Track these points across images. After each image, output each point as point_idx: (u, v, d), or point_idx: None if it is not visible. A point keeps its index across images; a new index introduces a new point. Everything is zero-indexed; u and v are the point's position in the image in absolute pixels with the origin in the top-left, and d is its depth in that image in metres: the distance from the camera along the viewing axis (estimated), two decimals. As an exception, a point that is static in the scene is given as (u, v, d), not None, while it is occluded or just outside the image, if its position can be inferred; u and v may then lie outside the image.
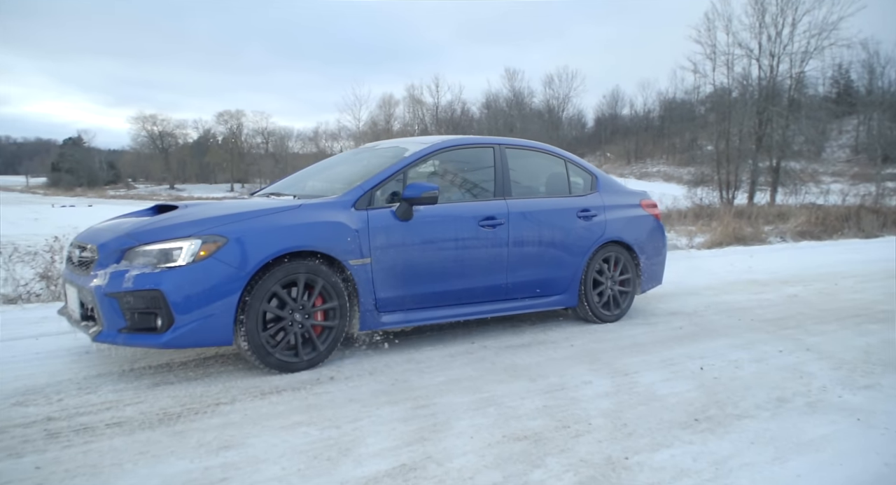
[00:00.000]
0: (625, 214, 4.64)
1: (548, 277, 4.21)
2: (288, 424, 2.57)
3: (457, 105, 52.13)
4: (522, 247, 4.05)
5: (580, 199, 4.47)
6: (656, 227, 4.88)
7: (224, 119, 66.24)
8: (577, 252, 4.31)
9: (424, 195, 3.54)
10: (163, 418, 2.60)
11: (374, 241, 3.46)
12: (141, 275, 2.94)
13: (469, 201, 3.99)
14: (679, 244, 10.89)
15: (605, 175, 4.87)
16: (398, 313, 3.62)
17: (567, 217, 4.31)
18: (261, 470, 2.15)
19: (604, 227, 4.45)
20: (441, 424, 2.59)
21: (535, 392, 3.00)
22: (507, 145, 4.30)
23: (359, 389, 3.03)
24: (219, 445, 2.35)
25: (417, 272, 3.63)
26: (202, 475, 2.11)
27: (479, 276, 3.89)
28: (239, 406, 2.76)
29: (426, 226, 3.66)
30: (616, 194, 4.72)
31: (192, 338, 2.98)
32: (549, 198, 4.38)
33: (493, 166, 4.14)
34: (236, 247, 3.05)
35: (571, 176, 4.57)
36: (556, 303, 4.30)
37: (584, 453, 2.32)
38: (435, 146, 3.96)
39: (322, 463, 2.22)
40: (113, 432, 2.44)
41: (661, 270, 4.97)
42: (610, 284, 4.52)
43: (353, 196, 3.50)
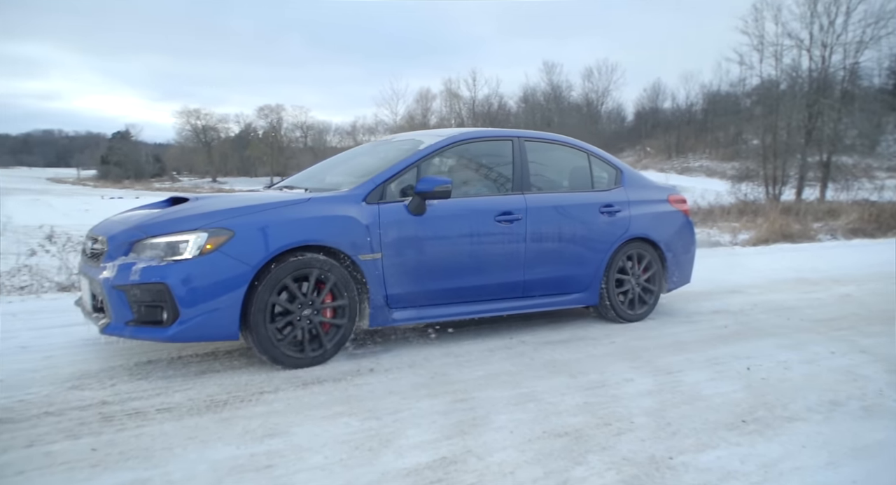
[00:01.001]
0: (651, 210, 4.49)
1: (567, 275, 4.10)
2: (329, 414, 2.61)
3: (494, 99, 51.87)
4: (541, 243, 3.94)
5: (603, 194, 4.34)
6: (685, 223, 4.70)
7: (264, 113, 67.43)
8: (599, 249, 4.19)
9: (437, 189, 3.45)
10: (210, 405, 2.67)
11: (385, 235, 3.39)
12: (147, 268, 2.93)
13: (485, 196, 3.90)
14: (722, 241, 10.63)
15: (631, 169, 4.70)
16: (410, 310, 3.55)
17: (588, 213, 4.18)
18: (304, 458, 2.19)
19: (628, 223, 4.31)
20: (480, 418, 2.59)
21: (576, 389, 2.97)
22: (527, 138, 4.17)
23: (398, 381, 3.05)
24: (263, 432, 2.40)
25: (430, 268, 3.56)
26: (248, 462, 2.15)
27: (494, 272, 3.80)
28: (282, 395, 2.82)
29: (440, 221, 3.58)
30: (642, 189, 4.56)
31: (198, 332, 2.96)
32: (570, 193, 4.25)
33: (512, 160, 4.03)
34: (243, 240, 3.02)
35: (594, 170, 4.43)
36: (576, 301, 4.19)
37: (626, 451, 2.29)
38: (451, 139, 3.87)
39: (363, 453, 2.24)
40: (163, 417, 2.52)
41: (690, 269, 4.79)
42: (634, 283, 4.37)
43: (364, 190, 3.44)
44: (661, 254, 4.49)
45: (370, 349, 3.61)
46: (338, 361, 3.34)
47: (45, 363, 3.19)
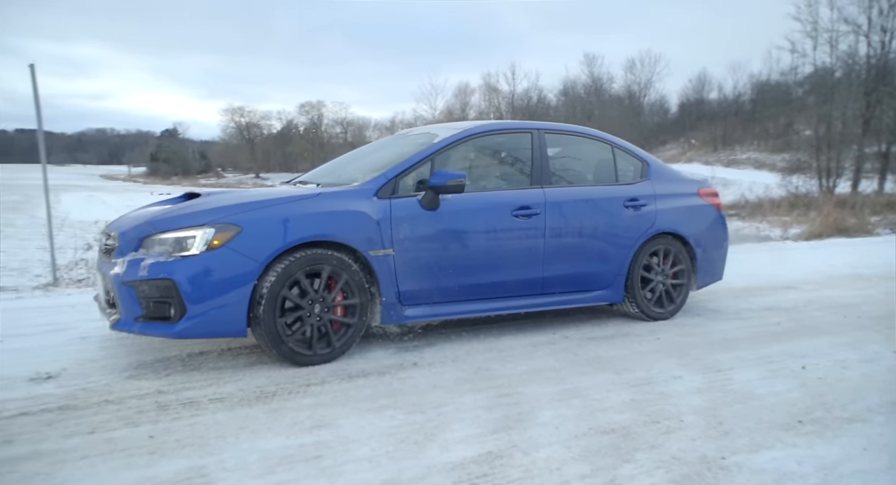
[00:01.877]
0: (679, 204, 4.31)
1: (589, 271, 3.97)
2: (375, 407, 2.64)
3: (533, 93, 51.35)
4: (560, 238, 3.82)
5: (628, 187, 4.18)
6: (716, 218, 4.51)
7: (306, 110, 68.47)
8: (623, 244, 4.05)
9: (450, 183, 3.36)
10: (259, 396, 2.73)
11: (397, 231, 3.32)
12: (155, 263, 2.92)
13: (502, 190, 3.79)
14: (772, 235, 10.29)
15: (658, 161, 4.52)
16: (423, 307, 3.48)
17: (612, 207, 4.04)
18: (351, 450, 2.22)
19: (654, 217, 4.15)
20: (525, 413, 2.58)
21: (621, 385, 2.92)
22: (547, 130, 4.05)
23: (442, 375, 3.07)
24: (311, 424, 2.45)
25: (444, 264, 3.48)
26: (297, 452, 2.20)
27: (511, 268, 3.70)
28: (328, 388, 2.87)
29: (454, 215, 3.49)
30: (669, 182, 4.38)
31: (205, 328, 2.94)
32: (592, 186, 4.11)
33: (531, 153, 3.91)
34: (251, 236, 2.98)
35: (619, 163, 4.27)
36: (599, 298, 4.05)
37: (675, 450, 2.24)
38: (466, 132, 3.77)
39: (409, 447, 2.26)
40: (216, 407, 2.60)
41: (722, 265, 4.59)
42: (661, 279, 4.21)
43: (375, 185, 3.37)
44: (691, 250, 4.32)
45: (413, 344, 3.63)
46: (381, 355, 3.38)
47: (103, 353, 3.32)
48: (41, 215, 14.56)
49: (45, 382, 2.88)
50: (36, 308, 4.46)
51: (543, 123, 4.15)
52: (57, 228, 6.94)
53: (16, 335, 3.68)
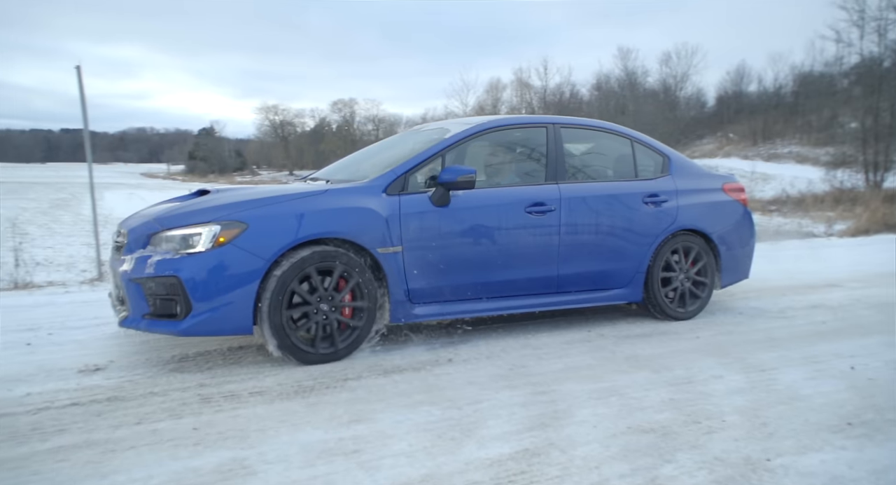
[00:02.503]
0: (702, 200, 4.18)
1: (606, 269, 3.87)
2: (411, 402, 2.65)
3: (565, 87, 50.79)
4: (576, 236, 3.73)
5: (648, 183, 4.07)
6: (742, 214, 4.38)
7: (338, 107, 69.11)
8: (643, 242, 3.93)
9: (461, 179, 3.31)
10: (298, 390, 2.77)
11: (406, 228, 3.27)
12: (162, 261, 2.91)
13: (515, 186, 3.72)
14: (816, 231, 9.98)
15: (680, 156, 4.39)
16: (434, 305, 3.42)
17: (630, 203, 3.93)
18: (389, 445, 2.24)
19: (675, 214, 4.04)
20: (562, 411, 2.56)
21: (660, 384, 2.88)
22: (564, 125, 3.95)
23: (477, 372, 3.06)
24: (349, 418, 2.47)
25: (455, 262, 3.42)
26: (336, 446, 2.23)
27: (525, 267, 3.62)
28: (364, 383, 2.89)
29: (465, 212, 3.43)
30: (692, 178, 4.25)
31: (211, 326, 2.92)
32: (610, 182, 4.01)
33: (546, 148, 3.82)
34: (256, 233, 2.96)
35: (638, 157, 4.15)
36: (617, 297, 3.95)
37: (718, 450, 2.19)
38: (479, 127, 3.71)
39: (446, 442, 2.26)
40: (256, 400, 2.65)
41: (748, 263, 4.45)
42: (682, 278, 4.09)
43: (384, 181, 3.33)
44: (714, 247, 4.18)
45: (448, 340, 3.64)
46: (416, 351, 3.39)
47: (147, 346, 3.42)
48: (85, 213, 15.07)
49: (93, 373, 2.97)
50: (83, 302, 4.61)
51: (559, 118, 4.08)
52: (101, 225, 7.16)
53: (66, 328, 3.82)
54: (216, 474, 2.00)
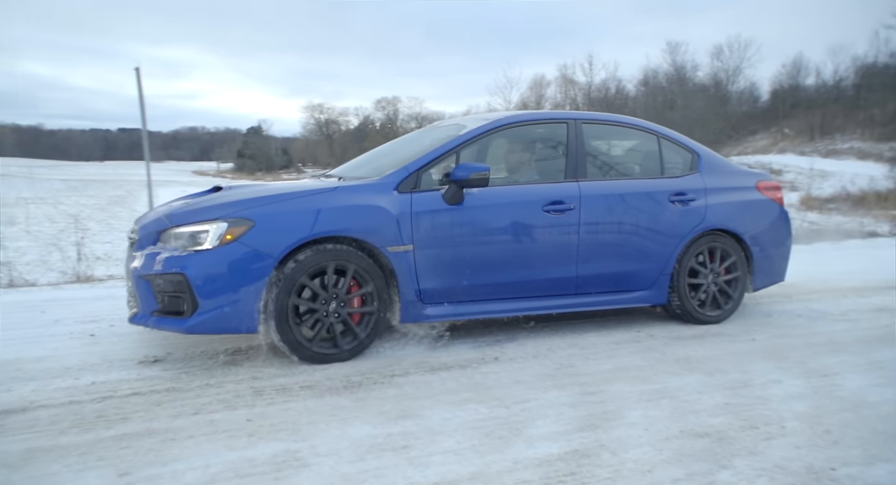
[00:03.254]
0: (733, 199, 4.01)
1: (629, 271, 3.74)
2: (458, 400, 2.65)
3: (611, 83, 49.88)
4: (596, 235, 3.62)
5: (675, 181, 3.92)
6: (777, 214, 4.18)
7: (382, 105, 69.74)
8: (668, 242, 3.79)
9: (474, 177, 3.22)
10: (346, 385, 2.81)
11: (417, 226, 3.21)
12: (170, 258, 2.91)
13: (533, 183, 3.64)
14: (880, 231, 9.51)
15: (711, 153, 4.21)
16: (446, 306, 3.35)
17: (655, 202, 3.79)
18: (437, 441, 2.25)
19: (703, 213, 3.88)
20: (611, 412, 2.52)
21: (714, 387, 2.80)
22: (585, 120, 3.84)
23: (523, 371, 3.05)
24: (397, 414, 2.50)
25: (468, 262, 3.34)
26: (385, 441, 2.25)
27: (542, 267, 3.52)
28: (411, 379, 2.91)
29: (479, 211, 3.35)
30: (723, 175, 4.08)
31: (217, 324, 2.91)
32: (633, 179, 3.89)
33: (566, 144, 3.71)
34: (264, 231, 2.93)
35: (665, 154, 4.00)
36: (640, 300, 3.81)
37: (778, 458, 2.12)
38: (495, 123, 3.62)
39: (494, 441, 2.26)
40: (306, 394, 2.70)
41: (784, 265, 4.25)
42: (711, 280, 3.92)
43: (395, 178, 3.27)
44: (746, 248, 4.01)
45: (493, 338, 3.63)
46: (462, 349, 3.40)
47: (202, 339, 3.52)
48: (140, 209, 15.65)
49: (153, 365, 3.09)
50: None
51: (581, 113, 3.98)
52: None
53: (126, 320, 3.97)
54: (270, 465, 2.04)
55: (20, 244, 10.57)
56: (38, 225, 17.83)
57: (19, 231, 16.13)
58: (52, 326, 3.83)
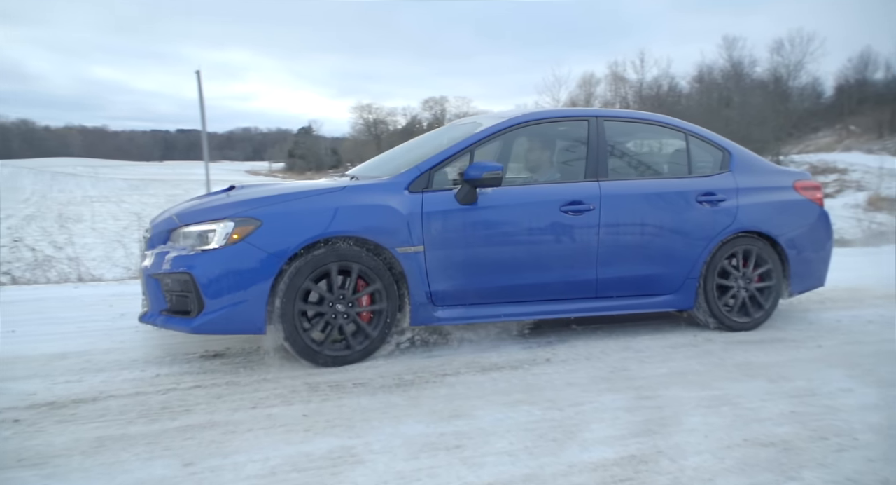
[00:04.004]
0: (767, 199, 3.83)
1: (652, 274, 3.59)
2: (510, 401, 2.64)
3: (663, 80, 48.62)
4: (618, 237, 3.49)
5: (703, 180, 3.75)
6: (817, 215, 3.97)
7: (429, 105, 70.06)
8: (695, 244, 3.63)
9: (486, 176, 3.13)
10: (399, 384, 2.83)
11: (428, 227, 3.14)
12: (178, 257, 2.91)
13: (551, 183, 3.54)
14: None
15: (744, 151, 4.01)
16: (458, 309, 3.27)
17: (681, 202, 3.64)
18: (490, 442, 2.24)
19: (734, 214, 3.71)
20: (669, 418, 2.45)
21: (779, 395, 2.68)
22: (608, 118, 3.71)
23: (576, 373, 3.00)
24: (449, 413, 2.50)
25: (481, 263, 3.26)
26: (438, 440, 2.25)
27: (559, 269, 3.41)
28: (463, 379, 2.91)
29: (493, 211, 3.26)
30: (756, 174, 3.90)
31: (223, 325, 2.88)
32: (657, 179, 3.75)
33: (587, 142, 3.58)
34: (270, 230, 2.90)
35: (693, 153, 3.84)
36: (664, 304, 3.66)
37: (850, 471, 2.01)
38: (511, 121, 3.52)
39: (547, 443, 2.23)
40: (359, 391, 2.73)
41: (824, 269, 4.02)
42: (743, 284, 3.75)
43: (406, 178, 3.20)
44: (781, 251, 3.82)
45: (544, 339, 3.59)
46: (513, 350, 3.37)
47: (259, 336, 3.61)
48: (199, 208, 16.22)
49: (213, 359, 3.19)
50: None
51: (604, 110, 3.86)
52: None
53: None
54: (326, 460, 2.08)
55: (87, 241, 11.14)
56: (103, 222, 18.71)
57: (86, 228, 16.96)
58: (119, 319, 4.00)
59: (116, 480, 1.93)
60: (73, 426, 2.32)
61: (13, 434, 2.24)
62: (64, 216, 21.99)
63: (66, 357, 3.18)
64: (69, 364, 3.07)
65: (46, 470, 1.99)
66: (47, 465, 2.02)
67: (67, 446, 2.15)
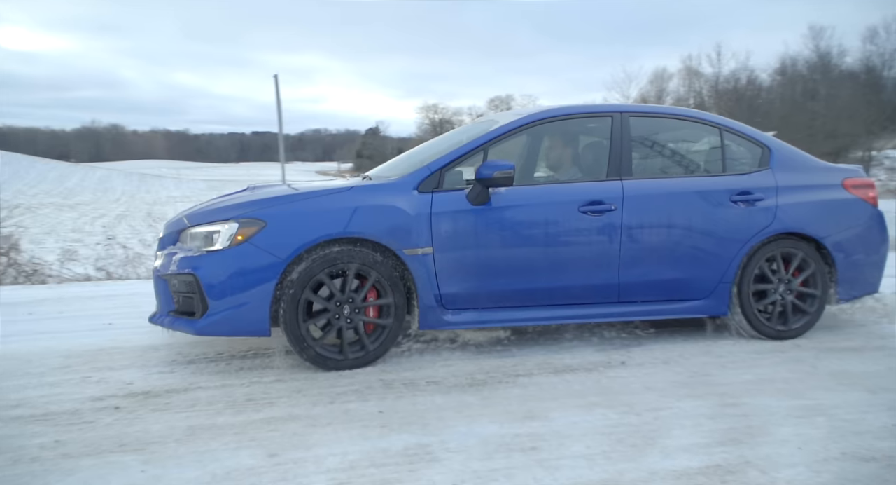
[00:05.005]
0: (812, 198, 3.56)
1: (680, 278, 3.40)
2: (585, 403, 2.59)
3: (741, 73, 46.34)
4: (642, 238, 3.32)
5: (738, 178, 3.53)
6: (869, 215, 3.67)
7: (495, 104, 69.65)
8: (729, 247, 3.42)
9: (497, 175, 3.01)
10: (471, 383, 2.84)
11: (437, 228, 3.05)
12: (184, 258, 2.91)
13: (569, 182, 3.42)
14: None
15: (786, 147, 3.74)
16: (469, 312, 3.17)
17: (712, 202, 3.43)
18: (566, 445, 2.20)
19: (773, 214, 3.46)
20: (756, 427, 2.33)
21: (880, 407, 2.50)
22: (633, 113, 3.53)
23: (653, 377, 2.91)
24: (523, 414, 2.48)
25: (494, 266, 3.15)
26: (513, 441, 2.24)
27: (578, 272, 3.27)
28: (536, 380, 2.88)
29: (506, 211, 3.16)
30: (800, 172, 3.64)
31: (226, 326, 2.87)
32: (686, 177, 3.54)
33: (610, 139, 3.43)
34: (274, 232, 2.86)
35: (729, 149, 3.63)
36: (694, 310, 3.46)
37: (965, 493, 1.85)
38: (529, 118, 3.40)
39: (626, 448, 2.17)
40: (432, 390, 2.75)
41: (877, 274, 3.70)
42: (783, 290, 3.49)
43: (416, 178, 3.12)
44: (828, 254, 3.54)
45: (618, 341, 3.50)
46: (586, 351, 3.31)
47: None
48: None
49: (293, 354, 3.29)
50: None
51: (629, 105, 3.68)
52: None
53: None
54: (403, 457, 2.10)
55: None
56: (186, 222, 19.59)
57: (171, 227, 17.78)
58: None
59: (208, 467, 2.03)
60: (167, 415, 2.46)
61: (114, 421, 2.40)
62: (152, 215, 23.44)
63: (158, 349, 3.37)
64: (161, 356, 3.26)
65: (144, 455, 2.11)
66: (145, 451, 2.15)
67: (162, 433, 2.28)
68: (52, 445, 2.19)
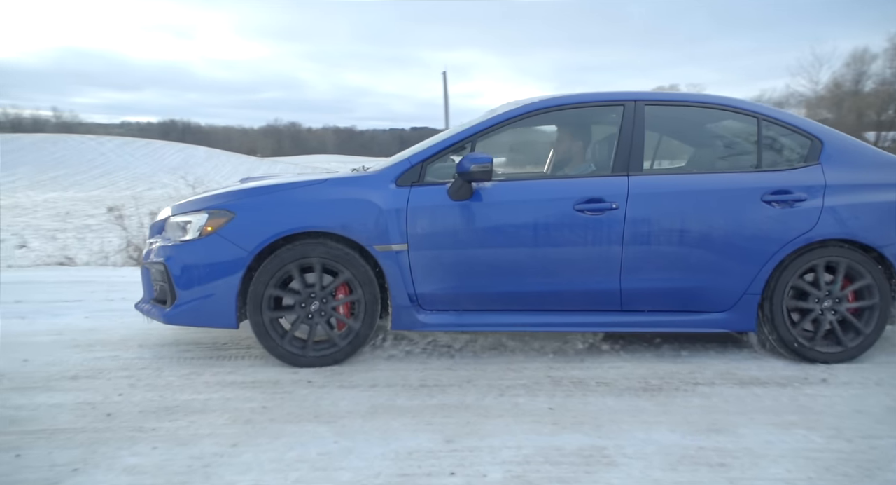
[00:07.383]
0: (870, 199, 3.03)
1: (695, 286, 3.00)
2: (780, 422, 2.34)
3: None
4: (649, 241, 2.95)
5: (774, 175, 3.03)
6: None
7: (656, 94, 65.96)
8: (757, 253, 2.98)
9: (475, 168, 2.79)
10: (645, 388, 2.69)
11: (413, 223, 2.87)
12: (161, 247, 2.94)
13: (565, 178, 3.14)
14: None
15: (845, 138, 3.18)
16: (447, 314, 2.97)
17: (739, 201, 2.97)
18: (759, 466, 2.00)
19: (816, 216, 2.96)
20: None
21: None
22: (650, 102, 3.11)
23: (864, 399, 2.56)
24: (706, 426, 2.30)
25: (475, 266, 2.92)
26: (696, 454, 2.08)
27: (571, 276, 2.96)
28: (718, 390, 2.67)
29: (490, 208, 2.91)
30: (858, 168, 3.08)
31: (192, 316, 2.87)
32: (707, 174, 3.08)
33: (619, 131, 3.05)
34: (242, 224, 2.81)
35: (767, 141, 3.12)
36: (712, 324, 3.04)
37: None
38: (525, 108, 3.09)
39: (838, 478, 1.93)
40: (603, 391, 2.66)
41: None
42: (828, 305, 3.00)
43: (394, 171, 2.95)
44: (890, 265, 3.01)
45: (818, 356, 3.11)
46: (776, 364, 3.00)
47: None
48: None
49: (463, 344, 3.37)
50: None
51: (645, 92, 3.16)
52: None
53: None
54: (578, 457, 2.05)
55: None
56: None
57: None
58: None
59: (391, 445, 2.14)
60: (353, 393, 2.64)
61: (309, 393, 2.63)
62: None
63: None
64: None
65: (336, 427, 2.29)
66: (336, 423, 2.32)
67: (349, 409, 2.46)
68: (260, 410, 2.45)
